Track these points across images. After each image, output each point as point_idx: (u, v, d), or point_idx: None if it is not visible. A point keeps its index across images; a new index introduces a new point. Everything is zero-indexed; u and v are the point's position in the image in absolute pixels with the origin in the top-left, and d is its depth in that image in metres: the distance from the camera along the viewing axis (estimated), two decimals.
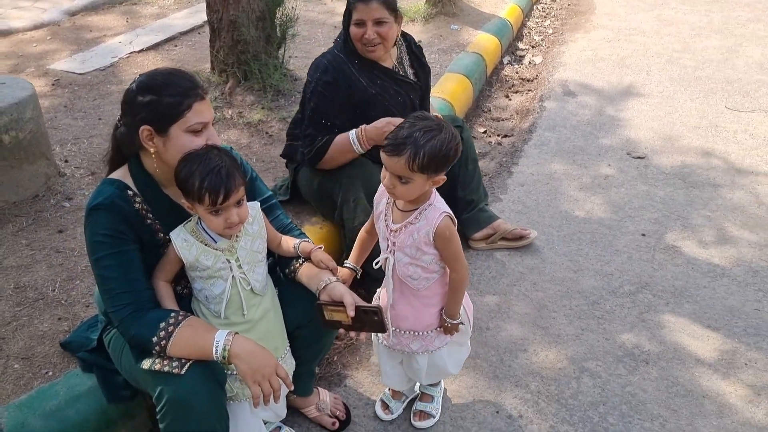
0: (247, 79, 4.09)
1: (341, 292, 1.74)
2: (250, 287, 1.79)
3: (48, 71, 4.61)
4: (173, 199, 1.77)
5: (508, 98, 4.67)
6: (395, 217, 1.86)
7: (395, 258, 1.86)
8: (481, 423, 2.16)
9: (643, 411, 2.19)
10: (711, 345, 2.45)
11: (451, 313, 1.92)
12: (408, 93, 2.74)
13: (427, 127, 1.69)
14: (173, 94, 1.62)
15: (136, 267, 1.67)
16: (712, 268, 2.84)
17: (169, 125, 1.62)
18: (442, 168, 1.72)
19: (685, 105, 4.34)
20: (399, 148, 1.67)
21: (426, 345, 1.97)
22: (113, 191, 1.68)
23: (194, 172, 1.60)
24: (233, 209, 1.65)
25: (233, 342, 1.59)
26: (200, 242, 1.72)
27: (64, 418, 1.88)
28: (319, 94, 2.55)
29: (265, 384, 1.59)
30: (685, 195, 3.37)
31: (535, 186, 3.49)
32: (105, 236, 1.64)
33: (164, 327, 1.59)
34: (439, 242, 1.80)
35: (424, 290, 1.90)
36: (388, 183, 1.74)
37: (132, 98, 1.65)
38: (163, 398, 1.58)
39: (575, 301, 2.67)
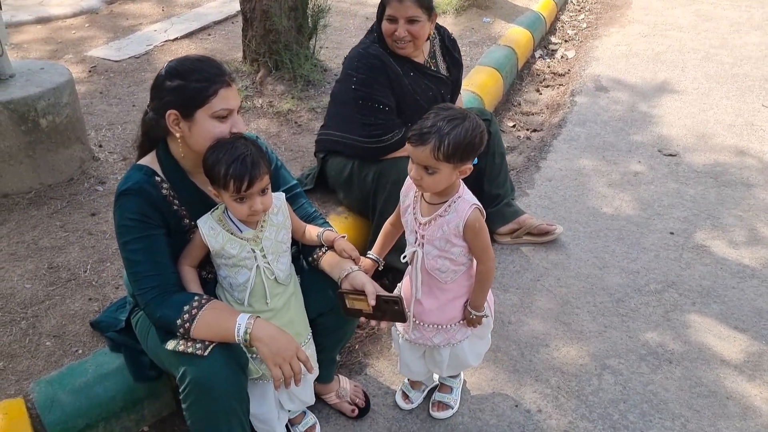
0: (278, 69, 4.13)
1: (363, 281, 1.76)
2: (274, 277, 1.82)
3: (85, 58, 4.71)
4: (198, 186, 1.81)
5: (539, 92, 4.63)
6: (424, 210, 1.87)
7: (424, 251, 1.87)
8: (499, 416, 2.17)
9: (664, 410, 2.17)
10: (737, 346, 2.41)
11: (477, 305, 1.93)
12: (439, 88, 2.74)
13: (451, 117, 1.70)
14: (200, 79, 1.66)
15: (162, 251, 1.71)
16: (742, 269, 2.79)
17: (194, 110, 1.65)
18: (467, 157, 1.73)
19: (721, 102, 4.25)
20: (424, 137, 1.69)
21: (449, 338, 1.98)
22: (141, 177, 1.72)
23: (220, 160, 1.64)
24: (257, 197, 1.68)
25: (255, 325, 1.62)
26: (226, 231, 1.75)
27: (93, 394, 1.95)
28: (364, 81, 2.56)
29: (286, 367, 1.63)
30: (716, 194, 3.31)
31: (563, 181, 3.46)
32: (133, 220, 1.68)
33: (188, 310, 1.63)
34: (468, 234, 1.81)
35: (451, 283, 1.91)
36: (415, 174, 1.75)
37: (161, 83, 1.69)
38: (186, 379, 1.62)
39: (599, 298, 2.66)
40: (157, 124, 1.72)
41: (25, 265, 2.51)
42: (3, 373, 2.05)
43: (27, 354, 2.12)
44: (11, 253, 2.57)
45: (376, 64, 2.56)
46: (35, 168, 2.92)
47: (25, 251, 2.59)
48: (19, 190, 2.92)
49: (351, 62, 2.62)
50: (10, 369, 2.06)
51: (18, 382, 2.02)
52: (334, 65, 4.42)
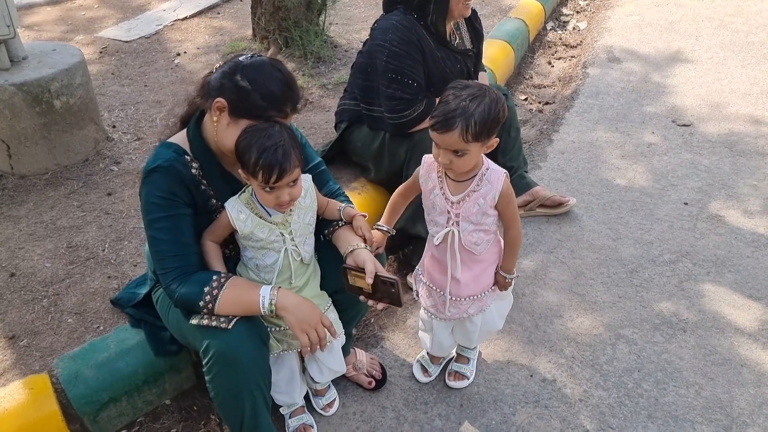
0: (287, 46, 4.12)
1: (364, 259, 1.76)
2: (300, 258, 1.83)
3: (96, 39, 4.72)
4: (226, 168, 1.81)
5: (551, 65, 4.59)
6: (452, 188, 1.84)
7: (460, 228, 1.86)
8: (515, 386, 2.19)
9: (678, 378, 2.19)
10: (752, 315, 2.42)
11: (509, 268, 1.97)
12: (465, 61, 2.72)
13: (471, 95, 1.67)
14: (264, 97, 1.63)
15: (187, 231, 1.72)
16: (757, 238, 2.78)
17: (242, 117, 1.64)
18: (494, 131, 1.71)
19: (736, 71, 4.20)
20: (450, 123, 1.65)
21: (481, 305, 2.01)
22: (171, 155, 1.71)
23: (252, 146, 1.60)
24: (286, 189, 1.65)
25: (279, 295, 1.65)
26: (255, 215, 1.75)
27: (115, 369, 1.99)
28: (397, 54, 2.49)
29: (312, 333, 1.66)
30: (731, 163, 3.29)
31: (576, 154, 3.45)
32: (161, 198, 1.68)
33: (209, 291, 1.64)
34: (503, 202, 1.83)
35: (484, 253, 1.93)
36: (444, 159, 1.72)
37: (232, 72, 1.65)
38: (210, 351, 1.65)
39: (613, 269, 2.66)
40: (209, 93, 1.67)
41: (45, 245, 2.55)
42: (27, 350, 2.09)
43: (50, 331, 2.17)
44: (30, 233, 2.62)
45: (411, 38, 2.50)
46: (51, 149, 2.95)
47: (44, 231, 2.63)
48: (36, 172, 2.95)
49: (384, 33, 2.53)
50: (34, 345, 2.11)
51: (42, 358, 2.06)
52: (344, 41, 4.41)
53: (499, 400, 2.15)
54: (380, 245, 1.99)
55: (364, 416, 2.12)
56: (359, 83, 2.67)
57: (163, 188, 1.67)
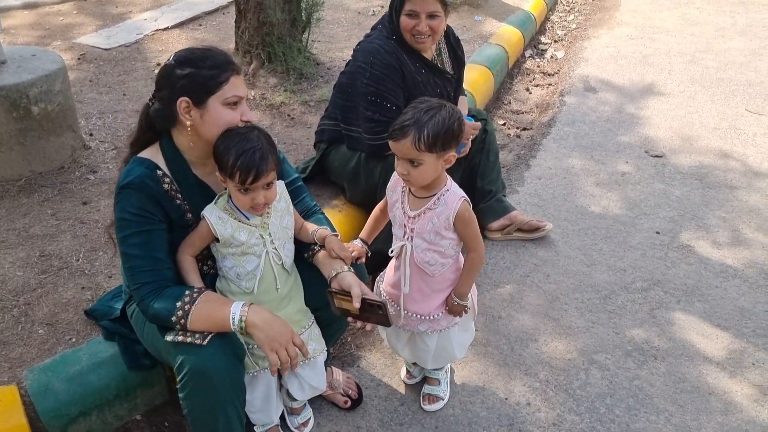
0: (270, 62, 4.13)
1: (350, 283, 1.77)
2: (281, 262, 1.84)
3: (74, 45, 4.67)
4: (201, 179, 1.81)
5: (529, 91, 4.68)
6: (412, 204, 1.91)
7: (413, 245, 1.91)
8: (489, 408, 2.21)
9: (649, 405, 2.22)
10: (720, 344, 2.47)
11: (462, 293, 1.98)
12: (446, 86, 2.76)
13: (427, 108, 1.77)
14: (211, 66, 1.68)
15: (160, 247, 1.72)
16: (725, 269, 2.86)
17: (207, 97, 1.67)
18: (448, 145, 1.78)
19: (706, 106, 4.33)
20: (404, 131, 1.75)
21: (433, 326, 2.02)
22: (143, 171, 1.72)
23: (230, 149, 1.66)
24: (261, 191, 1.70)
25: (249, 312, 1.64)
26: (234, 219, 1.77)
27: (86, 382, 1.95)
28: (377, 78, 2.54)
29: (282, 352, 1.65)
30: (701, 195, 3.38)
31: (553, 180, 3.51)
32: (133, 215, 1.68)
33: (181, 306, 1.64)
34: (459, 225, 1.86)
35: (438, 276, 1.95)
36: (402, 169, 1.81)
37: (170, 71, 1.69)
38: (184, 368, 1.63)
39: (587, 295, 2.71)
40: (166, 114, 1.72)
41: (17, 253, 2.49)
42: None
43: (20, 342, 2.12)
44: (2, 240, 2.56)
45: (392, 62, 2.55)
46: (26, 155, 2.90)
47: (16, 239, 2.57)
48: (10, 178, 2.90)
49: (365, 56, 2.59)
50: (2, 356, 2.06)
51: (11, 369, 2.01)
52: (326, 59, 4.43)
53: (474, 423, 2.16)
54: (360, 256, 2.00)
55: None
56: (339, 103, 2.70)
57: (135, 204, 1.68)
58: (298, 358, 1.74)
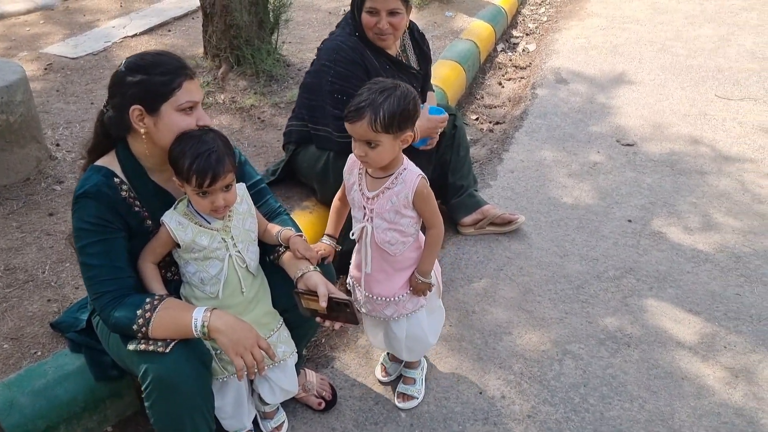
0: (239, 65, 4.10)
1: (316, 282, 1.76)
2: (245, 266, 1.82)
3: (41, 55, 4.61)
4: (160, 185, 1.79)
5: (501, 85, 4.68)
6: (370, 185, 1.92)
7: (373, 225, 1.92)
8: (464, 403, 2.20)
9: (623, 392, 2.23)
10: (692, 329, 2.49)
11: (424, 271, 1.98)
12: (411, 81, 2.75)
13: (382, 88, 1.77)
14: (163, 72, 1.65)
15: (120, 255, 1.69)
16: (696, 254, 2.88)
17: (160, 104, 1.64)
18: (405, 125, 1.79)
19: (676, 93, 4.36)
20: (359, 112, 1.75)
21: (399, 309, 2.02)
22: (99, 179, 1.69)
23: (186, 152, 1.63)
24: (220, 193, 1.68)
25: (211, 317, 1.62)
26: (195, 224, 1.75)
27: (53, 396, 1.92)
28: (342, 75, 2.53)
29: (248, 356, 1.63)
30: (672, 182, 3.40)
31: (525, 172, 3.51)
32: (90, 224, 1.66)
33: (141, 314, 1.61)
34: (418, 202, 1.88)
35: (399, 255, 1.96)
36: (359, 151, 1.81)
37: (121, 79, 1.66)
38: (148, 377, 1.61)
39: (560, 286, 2.71)
40: (119, 122, 1.69)
41: None
42: None
43: None
44: None
45: (355, 58, 2.54)
46: None
47: None
48: None
49: (329, 54, 2.58)
50: None
51: None
52: (297, 60, 4.41)
53: (448, 418, 2.15)
54: (328, 255, 1.98)
55: None
56: (306, 103, 2.68)
57: (92, 213, 1.65)
58: (265, 361, 1.72)
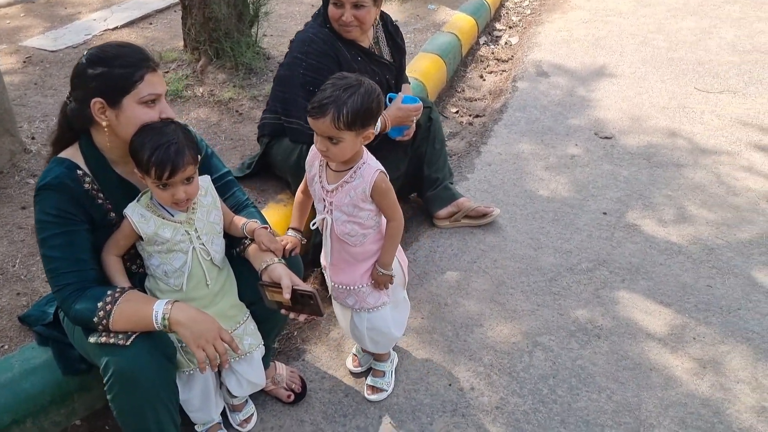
0: (219, 58, 4.08)
1: (280, 274, 1.76)
2: (210, 258, 1.82)
3: (20, 48, 4.57)
4: (123, 177, 1.78)
5: (483, 78, 4.69)
6: (330, 177, 1.93)
7: (333, 217, 1.93)
8: (433, 395, 2.21)
9: (591, 383, 2.25)
10: (662, 320, 2.51)
11: (385, 262, 1.99)
12: (384, 73, 2.75)
13: (346, 85, 1.77)
14: (124, 65, 1.64)
15: (82, 247, 1.69)
16: (669, 246, 2.90)
17: (121, 97, 1.63)
18: (368, 123, 1.80)
19: (656, 86, 4.37)
20: (323, 109, 1.75)
21: (360, 302, 2.04)
22: (62, 171, 1.69)
23: (145, 144, 1.63)
24: (180, 186, 1.68)
25: (173, 309, 1.62)
26: (157, 216, 1.75)
27: (19, 390, 1.92)
28: (314, 67, 2.54)
29: (210, 348, 1.63)
30: (648, 175, 3.41)
31: (502, 165, 3.52)
32: (52, 216, 1.65)
33: (102, 306, 1.61)
34: (376, 196, 1.90)
35: (360, 246, 1.98)
36: (321, 146, 1.82)
37: (82, 71, 1.65)
38: (109, 369, 1.62)
39: (533, 278, 2.72)
40: (81, 114, 1.69)
41: None
42: None
43: None
44: None
45: (327, 50, 2.54)
46: None
47: None
48: None
49: (300, 46, 2.59)
50: None
51: None
52: (277, 53, 4.39)
53: (417, 410, 2.16)
54: (294, 247, 1.99)
55: (282, 430, 2.11)
56: (279, 96, 2.68)
57: (54, 205, 1.65)
58: (228, 354, 1.73)
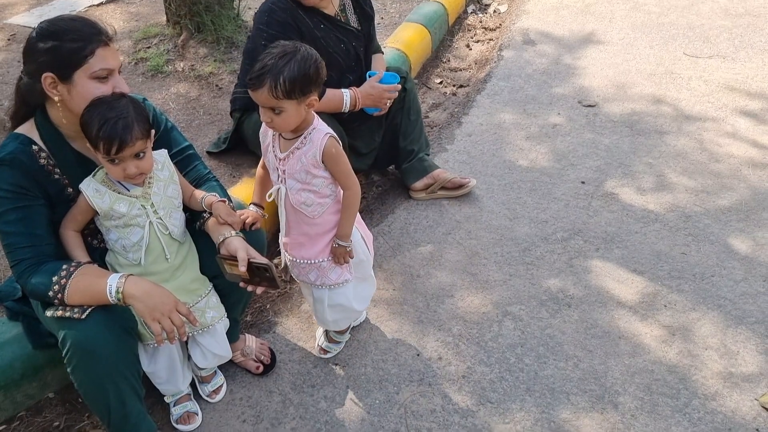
0: (200, 31, 4.06)
1: (236, 247, 1.77)
2: (168, 232, 1.83)
3: (4, 26, 4.57)
4: (80, 151, 1.79)
5: (469, 48, 4.63)
6: (282, 146, 1.93)
7: (287, 186, 1.93)
8: (401, 365, 2.24)
9: (559, 352, 2.26)
10: (634, 288, 2.51)
11: (343, 234, 1.99)
12: (351, 41, 2.72)
13: (282, 53, 1.75)
14: (75, 39, 1.63)
15: (39, 222, 1.70)
16: (646, 214, 2.88)
17: (72, 71, 1.63)
18: (308, 89, 1.78)
19: (644, 52, 4.31)
20: (260, 80, 1.74)
21: (322, 277, 2.04)
22: (16, 146, 1.69)
23: (94, 119, 1.63)
24: (130, 161, 1.68)
25: (126, 283, 1.63)
26: (113, 191, 1.75)
27: None
28: (274, 37, 2.46)
29: (166, 321, 1.64)
30: (630, 142, 3.38)
31: (483, 136, 3.50)
32: (7, 191, 1.66)
33: (57, 280, 1.63)
34: (328, 161, 1.89)
35: (318, 217, 1.97)
36: (265, 117, 1.81)
37: (33, 45, 1.64)
38: (66, 343, 1.64)
39: (507, 248, 2.72)
40: (33, 89, 1.68)
41: None
42: None
43: None
44: None
45: (287, 19, 2.52)
46: None
47: None
48: None
49: (261, 17, 2.57)
50: None
51: None
52: None
53: (384, 380, 2.19)
54: (256, 221, 1.99)
55: (251, 401, 2.14)
56: (246, 69, 2.66)
57: (8, 181, 1.65)
58: (187, 326, 1.75)
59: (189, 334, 1.95)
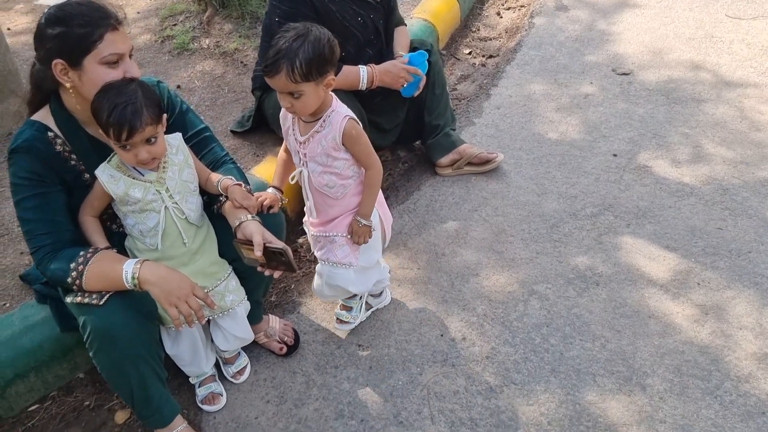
0: (224, 7, 4.03)
1: (251, 231, 1.76)
2: (184, 217, 1.83)
3: (36, 7, 4.60)
4: (95, 137, 1.79)
5: (500, 15, 4.50)
6: (302, 129, 1.92)
7: (309, 169, 1.93)
8: (424, 346, 2.22)
9: (585, 332, 2.21)
10: (666, 266, 2.43)
11: (364, 212, 1.99)
12: (368, 13, 2.66)
13: (294, 36, 1.73)
14: (83, 24, 1.61)
15: (57, 208, 1.71)
16: (681, 188, 2.77)
17: (81, 57, 1.62)
18: (324, 70, 1.76)
19: (683, 15, 4.11)
20: (276, 65, 1.71)
21: (328, 252, 2.05)
22: (32, 134, 1.70)
23: (103, 105, 1.62)
24: (142, 146, 1.67)
25: (141, 269, 1.64)
26: (127, 176, 1.75)
27: (18, 345, 2.00)
28: (287, 13, 2.47)
29: (183, 305, 1.65)
30: (665, 112, 3.25)
31: (511, 108, 3.41)
32: (24, 179, 1.68)
33: (75, 267, 1.64)
34: (348, 143, 1.88)
35: (342, 198, 1.97)
36: (285, 103, 1.80)
37: (42, 31, 1.64)
38: (87, 328, 1.66)
39: (534, 225, 2.66)
40: (45, 75, 1.68)
41: None
42: None
43: None
44: None
45: None
46: None
47: None
48: None
49: None
50: None
51: None
52: None
53: (408, 361, 2.17)
54: (273, 204, 1.98)
55: (275, 382, 2.15)
56: (264, 46, 2.63)
57: (25, 168, 1.67)
58: (205, 310, 1.75)
59: (209, 317, 1.96)
